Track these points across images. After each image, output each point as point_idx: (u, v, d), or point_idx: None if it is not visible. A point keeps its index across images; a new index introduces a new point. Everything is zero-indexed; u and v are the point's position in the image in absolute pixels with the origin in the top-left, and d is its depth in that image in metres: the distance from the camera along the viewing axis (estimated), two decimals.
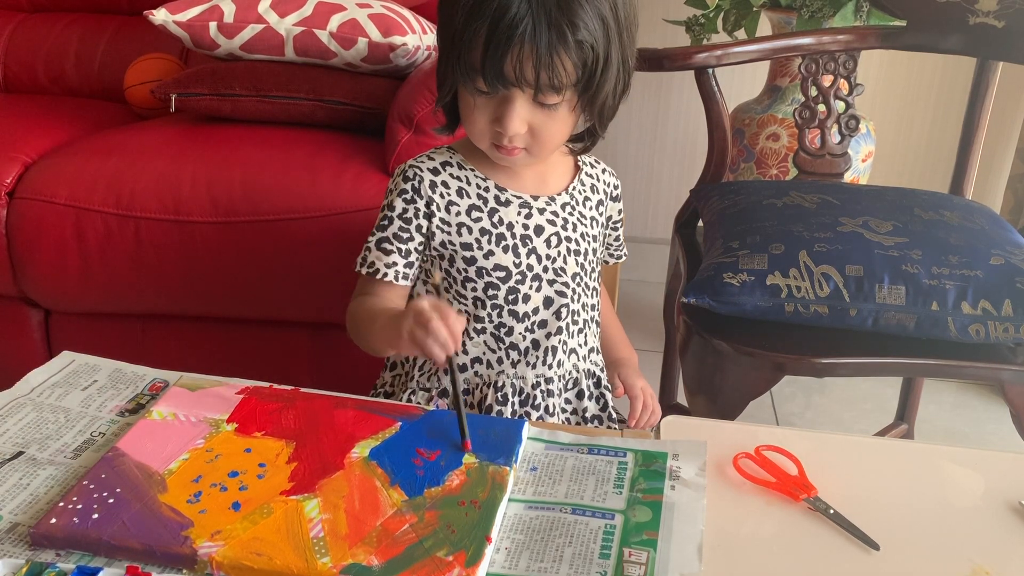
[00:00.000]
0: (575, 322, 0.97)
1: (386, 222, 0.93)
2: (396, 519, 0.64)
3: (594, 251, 0.99)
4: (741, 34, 1.75)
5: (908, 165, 2.18)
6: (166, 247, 1.35)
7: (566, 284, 0.95)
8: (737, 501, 0.70)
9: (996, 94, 1.40)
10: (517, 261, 0.93)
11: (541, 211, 0.94)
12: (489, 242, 0.92)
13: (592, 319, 1.00)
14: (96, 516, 0.63)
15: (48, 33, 1.93)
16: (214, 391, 0.80)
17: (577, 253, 0.96)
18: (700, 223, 1.36)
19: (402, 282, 0.93)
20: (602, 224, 1.01)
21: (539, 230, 0.94)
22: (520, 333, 0.94)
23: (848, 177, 1.62)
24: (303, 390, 0.80)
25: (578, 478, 0.71)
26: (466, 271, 0.93)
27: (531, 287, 0.94)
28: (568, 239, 0.95)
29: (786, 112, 1.78)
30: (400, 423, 0.75)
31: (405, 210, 0.92)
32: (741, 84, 2.07)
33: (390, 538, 0.62)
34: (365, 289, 0.94)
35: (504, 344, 0.94)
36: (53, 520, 0.63)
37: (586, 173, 1.00)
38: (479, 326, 0.94)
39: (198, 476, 0.68)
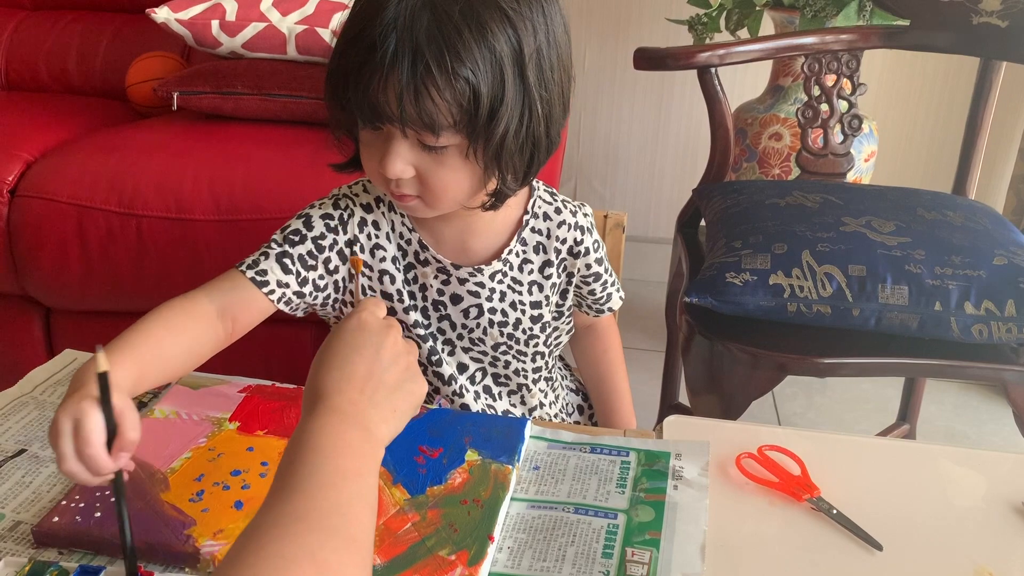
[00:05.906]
0: (502, 384, 0.92)
1: (297, 238, 0.81)
2: (398, 518, 0.64)
3: (535, 317, 0.88)
4: (744, 33, 1.75)
5: (911, 165, 2.18)
6: (168, 245, 1.35)
7: (484, 353, 0.89)
8: (740, 501, 0.70)
9: (999, 94, 1.40)
10: (427, 323, 0.86)
11: (462, 281, 0.84)
12: (400, 299, 0.85)
13: (539, 378, 0.94)
14: (98, 515, 0.63)
15: (50, 31, 1.93)
16: (216, 389, 0.80)
17: (503, 324, 0.87)
18: (703, 222, 1.36)
19: (281, 306, 0.81)
20: (557, 284, 0.89)
21: (456, 299, 0.85)
22: (447, 396, 0.89)
23: (851, 177, 1.62)
24: None
25: (581, 477, 0.70)
26: None
27: (444, 351, 0.88)
28: (492, 311, 0.86)
29: (789, 112, 1.78)
30: None
31: (323, 236, 0.82)
32: (744, 83, 2.07)
33: (392, 537, 0.62)
34: (226, 289, 0.79)
35: (439, 395, 0.90)
36: (55, 518, 0.63)
37: (532, 229, 0.86)
38: None
39: (200, 475, 0.68)
